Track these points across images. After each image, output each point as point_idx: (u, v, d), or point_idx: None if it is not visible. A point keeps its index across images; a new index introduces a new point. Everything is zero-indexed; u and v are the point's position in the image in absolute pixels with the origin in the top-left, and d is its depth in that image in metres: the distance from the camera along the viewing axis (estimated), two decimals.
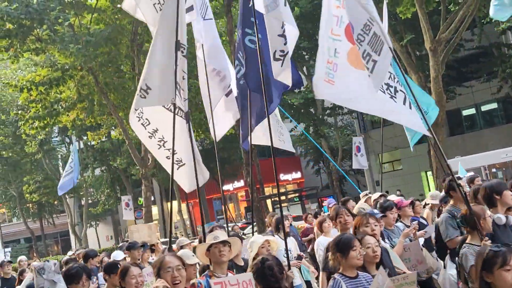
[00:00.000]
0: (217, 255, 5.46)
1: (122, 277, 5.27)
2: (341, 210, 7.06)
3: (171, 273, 4.70)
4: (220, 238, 5.56)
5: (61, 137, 49.56)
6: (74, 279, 5.50)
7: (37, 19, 20.92)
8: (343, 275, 4.96)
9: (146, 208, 26.01)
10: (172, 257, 4.86)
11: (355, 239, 5.13)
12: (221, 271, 5.46)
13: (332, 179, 39.63)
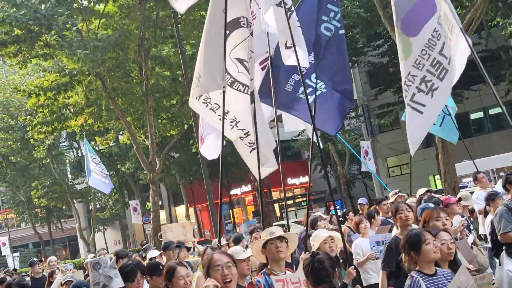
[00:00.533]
0: (274, 251, 5.23)
1: (168, 278, 4.98)
2: (401, 205, 6.69)
3: (220, 271, 4.48)
4: (277, 233, 5.31)
5: (69, 142, 49.71)
6: (129, 277, 5.27)
7: (45, 24, 21.03)
8: (420, 272, 4.62)
9: (154, 213, 26.03)
10: (221, 254, 4.64)
11: (425, 232, 4.77)
12: (279, 269, 5.23)
13: (339, 183, 39.58)
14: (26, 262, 49.46)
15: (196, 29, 24.95)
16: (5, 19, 20.60)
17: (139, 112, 26.12)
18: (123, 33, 22.96)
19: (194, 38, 25.55)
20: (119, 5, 23.64)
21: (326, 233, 6.54)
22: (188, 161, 40.63)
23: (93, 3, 23.62)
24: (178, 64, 24.65)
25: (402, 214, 6.53)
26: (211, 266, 4.52)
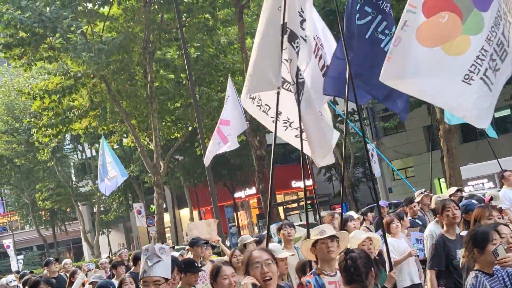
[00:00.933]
0: (325, 251, 5.04)
1: (214, 278, 4.76)
2: (448, 203, 6.51)
3: (260, 268, 4.31)
4: (328, 232, 5.11)
5: (73, 145, 49.78)
6: None
7: (50, 27, 21.06)
8: (482, 272, 4.46)
9: (158, 216, 26.01)
10: (261, 251, 4.46)
11: (493, 231, 4.55)
12: (330, 269, 5.02)
13: (344, 186, 39.50)
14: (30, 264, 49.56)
15: (201, 32, 24.96)
16: (10, 21, 20.63)
17: (144, 114, 26.13)
18: (128, 36, 22.98)
19: (199, 41, 25.56)
20: (124, 8, 23.66)
21: (364, 234, 6.35)
22: (192, 164, 40.62)
23: (97, 6, 23.64)
24: (182, 67, 24.64)
25: (450, 212, 6.38)
26: (250, 263, 4.37)
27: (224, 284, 4.66)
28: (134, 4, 23.60)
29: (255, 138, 24.97)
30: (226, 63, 26.51)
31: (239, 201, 47.54)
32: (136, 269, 9.14)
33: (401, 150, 39.75)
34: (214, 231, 10.65)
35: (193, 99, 21.42)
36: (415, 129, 39.27)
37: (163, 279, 4.29)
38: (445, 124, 20.09)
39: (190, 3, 23.47)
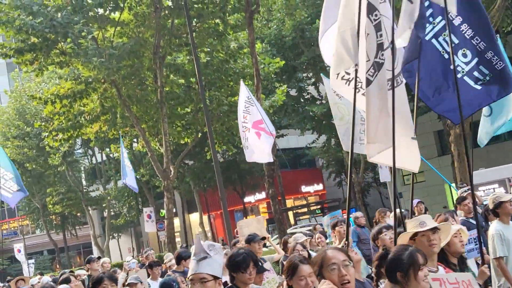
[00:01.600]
0: (426, 245, 4.64)
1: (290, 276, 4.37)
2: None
3: (337, 271, 3.79)
4: (428, 224, 4.71)
5: (84, 149, 49.99)
6: (241, 267, 4.71)
7: (61, 32, 21.18)
8: None
9: (168, 220, 26.05)
10: (336, 251, 3.94)
11: None
12: (431, 264, 4.56)
13: (354, 191, 39.42)
14: (41, 269, 49.68)
15: (211, 37, 25.03)
16: (21, 27, 20.76)
17: (154, 119, 26.21)
18: (138, 41, 23.08)
19: (209, 45, 25.63)
20: (135, 13, 23.76)
21: (456, 226, 5.92)
22: (202, 169, 40.71)
23: (108, 12, 23.76)
24: (192, 71, 24.71)
25: None
26: (325, 264, 3.86)
27: (301, 285, 4.26)
28: (144, 10, 23.70)
29: None
30: (236, 68, 26.57)
31: (248, 205, 47.55)
32: (179, 268, 9.13)
33: None
34: (263, 228, 10.42)
35: (203, 103, 21.47)
36: (426, 134, 39.16)
37: (210, 277, 4.03)
38: (455, 129, 20.04)
39: (200, 8, 23.54)
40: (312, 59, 33.54)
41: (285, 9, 33.15)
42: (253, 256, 4.87)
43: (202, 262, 4.04)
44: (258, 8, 23.61)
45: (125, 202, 49.90)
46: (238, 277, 4.73)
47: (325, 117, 35.61)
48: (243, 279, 4.72)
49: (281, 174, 42.42)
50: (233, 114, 27.04)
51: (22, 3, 20.84)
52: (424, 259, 3.98)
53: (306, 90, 37.06)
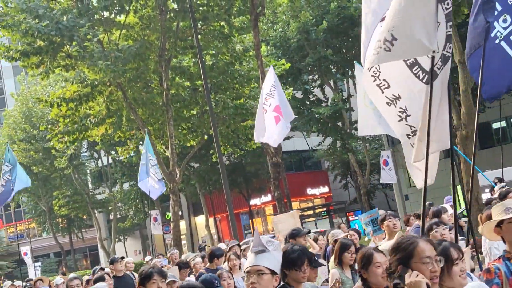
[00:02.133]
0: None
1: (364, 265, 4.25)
2: None
3: (430, 265, 3.43)
4: None
5: (90, 152, 50.07)
6: (295, 264, 4.44)
7: (67, 36, 21.23)
8: None
9: (174, 223, 26.06)
10: (428, 243, 3.54)
11: None
12: None
13: (360, 193, 39.38)
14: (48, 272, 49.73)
15: (216, 39, 25.04)
16: (27, 30, 20.83)
17: (160, 122, 26.24)
18: (144, 44, 23.11)
19: (214, 48, 25.64)
20: (140, 16, 23.80)
21: None
22: (207, 171, 40.71)
23: (114, 15, 23.81)
24: (198, 74, 24.73)
25: None
26: (416, 256, 3.44)
27: (377, 273, 4.18)
28: (150, 13, 23.74)
29: (270, 146, 24.95)
30: (242, 71, 26.57)
31: (254, 208, 47.51)
32: (212, 266, 8.99)
33: None
34: (298, 222, 10.15)
35: (208, 106, 21.48)
36: None
37: (268, 270, 3.92)
38: (462, 130, 19.98)
39: (205, 11, 23.56)
40: (317, 61, 33.51)
41: (290, 11, 33.15)
42: (307, 253, 4.64)
43: (261, 255, 3.95)
44: (263, 10, 23.60)
45: (131, 205, 49.94)
46: (291, 275, 4.45)
47: (331, 119, 35.58)
48: (296, 277, 4.46)
49: (287, 177, 42.32)
50: (239, 116, 27.04)
51: (28, 7, 20.90)
52: (459, 253, 3.81)
53: (311, 92, 37.02)
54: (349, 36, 34.44)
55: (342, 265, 6.60)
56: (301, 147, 46.87)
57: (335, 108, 33.89)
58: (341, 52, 35.66)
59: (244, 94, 27.32)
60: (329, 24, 32.69)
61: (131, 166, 46.82)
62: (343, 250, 6.63)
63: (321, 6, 33.45)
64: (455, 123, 20.59)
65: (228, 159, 41.65)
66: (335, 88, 37.00)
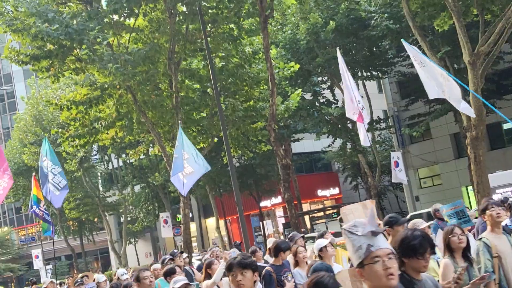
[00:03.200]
0: None
1: None
2: None
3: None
4: None
5: (100, 155, 50.26)
6: (417, 252, 3.97)
7: (76, 39, 21.31)
8: None
9: (184, 225, 26.10)
10: None
11: None
12: None
13: (370, 194, 39.28)
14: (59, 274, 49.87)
15: (225, 41, 25.08)
16: (37, 34, 20.93)
17: (169, 124, 26.29)
18: (153, 47, 23.17)
19: (223, 50, 25.68)
20: (149, 19, 23.87)
21: None
22: (217, 173, 40.74)
23: (123, 18, 23.88)
24: (207, 76, 24.77)
25: None
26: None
27: None
28: (159, 16, 23.80)
29: (280, 147, 24.97)
30: (251, 73, 26.59)
31: (265, 210, 47.51)
32: (277, 261, 8.27)
33: (428, 158, 39.40)
34: None
35: (218, 108, 21.52)
36: (442, 137, 38.94)
37: None
38: (472, 131, 19.89)
39: (214, 13, 23.60)
40: (326, 62, 33.49)
41: (299, 13, 33.14)
42: (430, 240, 4.18)
43: (382, 237, 3.40)
44: (272, 12, 23.64)
45: (142, 207, 50.09)
46: (412, 263, 3.94)
47: (341, 120, 35.53)
48: (417, 266, 3.95)
49: (297, 178, 42.34)
50: (248, 118, 27.06)
51: (37, 11, 21.00)
52: None
53: (321, 94, 37.00)
54: (359, 37, 34.39)
55: (454, 253, 5.92)
56: (311, 148, 46.85)
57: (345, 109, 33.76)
58: (351, 53, 35.62)
59: (253, 96, 27.34)
60: (338, 25, 32.67)
61: (142, 168, 46.96)
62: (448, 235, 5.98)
63: (330, 8, 33.42)
64: (465, 124, 20.51)
65: (238, 161, 41.68)
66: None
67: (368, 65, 36.34)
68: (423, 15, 22.94)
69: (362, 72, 37.09)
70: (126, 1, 22.14)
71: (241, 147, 29.05)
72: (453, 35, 23.69)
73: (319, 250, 7.87)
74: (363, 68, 36.66)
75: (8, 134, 76.14)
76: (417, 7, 22.36)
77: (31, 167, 44.75)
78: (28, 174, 46.51)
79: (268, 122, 23.95)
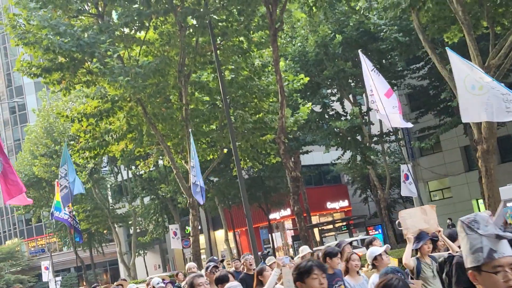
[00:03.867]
0: None
1: None
2: None
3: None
4: None
5: (110, 167, 50.42)
6: None
7: (88, 52, 21.46)
8: None
9: (193, 237, 26.10)
10: None
11: None
12: None
13: (380, 207, 39.17)
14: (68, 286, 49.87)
15: (235, 54, 25.17)
16: (49, 47, 21.08)
17: (179, 137, 26.36)
18: (164, 59, 23.29)
19: (233, 63, 25.77)
20: (160, 33, 24.01)
21: None
22: (227, 185, 40.77)
23: (134, 31, 24.05)
24: (217, 89, 24.84)
25: None
26: None
27: None
28: (169, 29, 23.94)
29: (290, 160, 24.96)
30: (260, 85, 26.65)
31: (274, 222, 47.44)
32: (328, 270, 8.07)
33: (438, 171, 39.26)
34: (433, 219, 8.55)
35: (228, 121, 21.56)
36: (452, 150, 38.82)
37: None
38: (482, 144, 19.82)
39: (224, 26, 23.71)
40: (335, 74, 33.52)
41: (308, 26, 33.23)
42: None
43: (506, 243, 2.80)
44: (282, 25, 23.71)
45: (151, 219, 50.12)
46: None
47: (350, 133, 35.49)
48: None
49: (306, 191, 42.29)
50: (258, 131, 27.09)
51: (49, 24, 21.17)
52: None
53: (330, 106, 37.02)
54: (368, 50, 34.43)
55: None
56: (321, 161, 46.80)
57: (354, 122, 33.78)
58: (360, 66, 35.64)
59: (263, 109, 27.38)
60: (347, 37, 32.72)
61: (151, 180, 47.02)
62: None
63: (339, 21, 33.50)
64: (476, 137, 20.44)
65: (247, 173, 41.69)
66: (354, 102, 36.94)
67: None
68: (433, 28, 22.93)
69: None
70: (137, 15, 22.30)
71: (251, 159, 29.06)
72: (463, 47, 23.65)
73: (373, 258, 7.36)
74: None
75: (19, 146, 76.56)
76: (427, 20, 22.36)
77: (42, 179, 44.99)
78: (38, 186, 46.76)
79: (278, 135, 23.97)
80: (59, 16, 22.37)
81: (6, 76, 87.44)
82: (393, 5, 21.80)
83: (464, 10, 19.51)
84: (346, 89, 35.94)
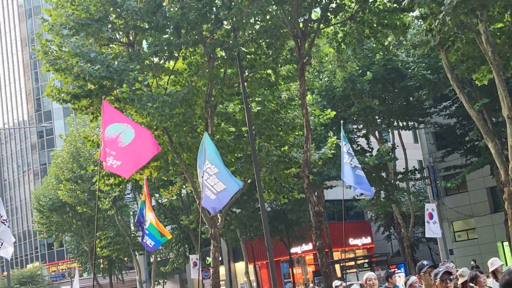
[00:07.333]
0: None
1: None
2: None
3: None
4: None
5: (133, 194, 50.64)
6: None
7: (117, 80, 21.72)
8: None
9: (213, 269, 25.95)
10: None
11: None
12: None
13: (403, 246, 38.67)
14: None
15: (263, 87, 25.30)
16: (79, 74, 21.38)
17: None
18: (191, 89, 23.47)
19: (260, 95, 25.88)
20: (189, 63, 24.25)
21: None
22: (249, 217, 40.64)
23: (163, 60, 24.32)
24: (243, 120, 24.93)
25: None
26: None
27: None
28: (198, 59, 24.17)
29: (313, 194, 24.82)
30: (287, 118, 26.69)
31: (295, 256, 47.04)
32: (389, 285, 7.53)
33: (463, 211, 38.74)
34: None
35: (252, 152, 21.57)
36: (478, 190, 38.32)
37: None
38: (509, 186, 19.54)
39: (253, 59, 23.88)
40: (362, 110, 33.48)
41: (336, 62, 33.35)
42: None
43: None
44: (310, 60, 23.80)
45: (172, 248, 50.04)
46: None
47: (375, 169, 35.26)
48: None
49: (329, 226, 41.96)
50: (282, 164, 27.04)
51: (81, 51, 21.51)
52: None
53: (355, 142, 36.92)
54: (395, 87, 34.40)
55: None
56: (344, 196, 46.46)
57: (381, 159, 33.59)
58: (387, 102, 35.58)
59: (288, 142, 27.37)
60: (375, 75, 32.75)
61: (173, 209, 47.08)
62: None
63: (368, 57, 33.58)
64: (503, 178, 20.17)
65: (269, 206, 41.54)
66: (380, 138, 36.79)
67: (404, 114, 36.20)
68: (462, 68, 22.85)
69: (398, 121, 36.94)
70: (167, 45, 22.57)
71: (274, 192, 28.97)
72: (491, 87, 23.53)
73: None
74: (399, 117, 36.53)
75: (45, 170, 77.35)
76: (456, 59, 22.30)
77: (66, 204, 45.31)
78: (62, 211, 47.11)
79: (302, 169, 23.89)
80: (90, 44, 22.72)
81: (36, 100, 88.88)
82: (422, 42, 21.80)
83: (494, 50, 19.42)
84: (372, 125, 35.85)
